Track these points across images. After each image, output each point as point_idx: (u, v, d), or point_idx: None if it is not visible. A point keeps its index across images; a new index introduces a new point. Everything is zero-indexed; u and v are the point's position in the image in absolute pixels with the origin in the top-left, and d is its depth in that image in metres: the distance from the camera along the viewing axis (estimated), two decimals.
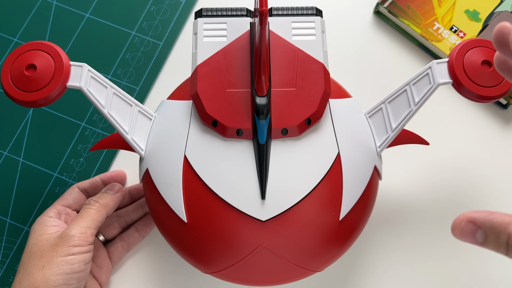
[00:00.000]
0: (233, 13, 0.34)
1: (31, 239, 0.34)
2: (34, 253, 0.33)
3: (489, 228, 0.22)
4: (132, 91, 0.45)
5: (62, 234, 0.33)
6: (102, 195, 0.36)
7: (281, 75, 0.32)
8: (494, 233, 0.21)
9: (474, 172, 0.42)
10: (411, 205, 0.41)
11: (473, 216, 0.22)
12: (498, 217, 0.22)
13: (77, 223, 0.33)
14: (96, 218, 0.34)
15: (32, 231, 0.35)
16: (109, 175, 0.40)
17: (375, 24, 0.46)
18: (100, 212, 0.34)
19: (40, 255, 0.32)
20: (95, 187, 0.39)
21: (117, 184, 0.37)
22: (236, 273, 0.31)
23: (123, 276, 0.39)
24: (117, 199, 0.36)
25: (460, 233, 0.23)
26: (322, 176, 0.31)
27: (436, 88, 0.31)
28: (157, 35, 0.46)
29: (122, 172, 0.41)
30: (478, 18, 0.44)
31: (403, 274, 0.39)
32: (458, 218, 0.23)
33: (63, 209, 0.37)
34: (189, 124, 0.33)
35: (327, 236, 0.31)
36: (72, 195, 0.38)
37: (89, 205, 0.35)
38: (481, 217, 0.22)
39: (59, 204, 0.37)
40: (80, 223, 0.33)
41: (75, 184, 0.39)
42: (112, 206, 0.36)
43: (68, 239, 0.32)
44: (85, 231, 0.33)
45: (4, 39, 0.46)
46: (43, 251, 0.32)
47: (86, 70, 0.32)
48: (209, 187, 0.31)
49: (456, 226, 0.23)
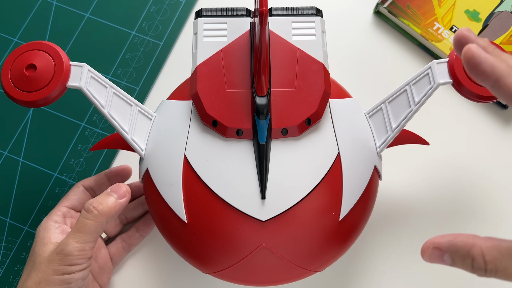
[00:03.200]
0: (233, 13, 0.34)
1: (36, 246, 0.32)
2: (36, 264, 0.31)
3: (453, 252, 0.23)
4: (132, 91, 0.45)
5: (58, 249, 0.31)
6: (104, 199, 0.32)
7: (281, 75, 0.32)
8: (459, 256, 0.23)
9: (474, 172, 0.42)
10: (411, 205, 0.41)
11: (438, 242, 0.24)
12: (460, 241, 0.23)
13: (75, 237, 0.30)
14: (95, 230, 0.31)
15: (37, 238, 0.33)
16: (114, 170, 0.38)
17: (375, 24, 0.46)
18: (99, 223, 0.31)
19: (38, 268, 0.31)
20: (100, 184, 0.38)
21: (123, 186, 0.33)
22: (236, 273, 0.31)
23: (123, 276, 0.39)
24: (121, 206, 0.32)
25: (429, 258, 0.24)
26: (322, 176, 0.31)
27: (436, 88, 0.31)
28: (157, 35, 0.46)
29: (128, 167, 0.39)
30: (478, 18, 0.44)
31: (403, 274, 0.39)
32: (425, 244, 0.25)
33: (68, 211, 0.36)
34: (189, 124, 0.33)
35: (327, 236, 0.31)
36: (77, 195, 0.36)
37: (87, 215, 0.31)
38: (445, 242, 0.23)
39: (63, 205, 0.36)
40: (78, 237, 0.30)
41: (80, 182, 0.37)
42: (114, 213, 0.32)
43: (65, 257, 0.30)
44: (84, 247, 0.30)
45: (4, 39, 0.46)
46: (41, 264, 0.31)
47: (86, 70, 0.32)
48: (209, 187, 0.31)
49: (424, 251, 0.25)
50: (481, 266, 0.22)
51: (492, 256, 0.22)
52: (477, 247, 0.22)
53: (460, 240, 0.23)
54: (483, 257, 0.22)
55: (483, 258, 0.22)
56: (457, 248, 0.23)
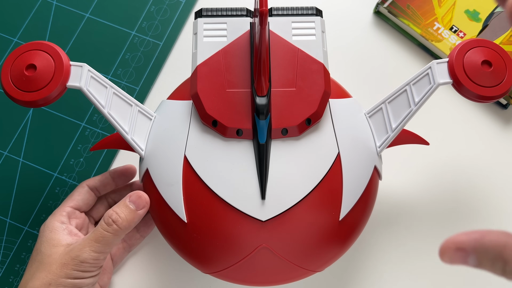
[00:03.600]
0: (233, 13, 0.34)
1: (42, 246, 0.32)
2: (44, 265, 0.31)
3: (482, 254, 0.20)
4: (132, 91, 0.45)
5: (72, 253, 0.31)
6: (123, 211, 0.31)
7: (281, 75, 0.32)
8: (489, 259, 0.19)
9: (474, 172, 0.42)
10: (411, 205, 0.41)
11: (462, 241, 0.20)
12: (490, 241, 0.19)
13: (92, 246, 0.31)
14: (112, 242, 0.31)
15: (43, 238, 0.33)
16: (119, 170, 0.38)
17: (375, 24, 0.46)
18: (118, 236, 0.31)
19: (49, 269, 0.31)
20: (105, 184, 0.37)
21: (142, 196, 0.32)
22: (236, 273, 0.31)
23: (123, 276, 0.39)
24: (140, 217, 0.32)
25: (450, 260, 0.21)
26: (322, 176, 0.31)
27: (436, 88, 0.31)
28: (157, 35, 0.46)
29: (132, 167, 0.39)
30: (478, 18, 0.44)
31: (403, 274, 0.39)
32: (446, 243, 0.21)
33: (73, 212, 0.35)
34: (189, 124, 0.33)
35: (327, 236, 0.31)
36: (82, 195, 0.36)
37: (107, 227, 0.31)
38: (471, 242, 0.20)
39: (68, 205, 0.35)
40: (95, 247, 0.31)
41: (84, 182, 0.37)
42: (133, 225, 0.32)
43: (80, 263, 0.30)
44: (99, 256, 0.31)
45: (4, 39, 0.46)
46: (52, 265, 0.31)
47: (86, 70, 0.32)
48: (209, 187, 0.31)
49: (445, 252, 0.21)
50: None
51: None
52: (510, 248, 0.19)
53: (489, 240, 0.19)
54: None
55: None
56: (486, 249, 0.19)
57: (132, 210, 0.32)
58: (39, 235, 0.34)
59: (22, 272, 0.40)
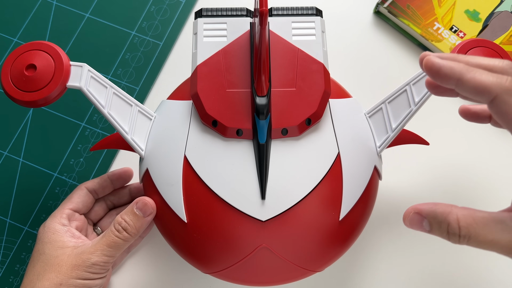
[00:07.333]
0: (233, 13, 0.34)
1: (46, 248, 0.33)
2: (52, 266, 0.32)
3: (432, 218, 0.25)
4: (132, 91, 0.45)
5: (84, 256, 0.32)
6: (132, 219, 0.32)
7: (281, 75, 0.32)
8: (437, 222, 0.25)
9: (474, 172, 0.42)
10: (411, 205, 0.41)
11: (419, 208, 0.26)
12: (440, 208, 0.25)
13: (103, 250, 0.32)
14: (122, 247, 0.33)
15: (46, 239, 0.33)
16: (117, 173, 0.39)
17: (375, 24, 0.46)
18: (128, 242, 0.33)
19: (58, 270, 0.32)
20: (104, 187, 0.38)
21: (149, 203, 0.32)
22: (236, 273, 0.31)
23: (123, 277, 0.39)
24: (148, 223, 0.33)
25: (409, 223, 0.26)
26: (322, 176, 0.31)
27: None
28: (157, 35, 0.46)
29: (130, 170, 0.39)
30: (478, 18, 0.44)
31: (403, 274, 0.39)
32: (408, 209, 0.26)
33: (72, 214, 0.36)
34: (189, 124, 0.33)
35: (327, 236, 0.31)
36: (81, 197, 0.36)
37: (118, 234, 0.32)
38: (426, 208, 0.25)
39: (68, 207, 0.35)
40: (107, 251, 0.32)
41: (83, 184, 0.37)
42: (142, 231, 0.33)
43: (91, 266, 0.31)
44: (109, 260, 0.32)
45: (4, 39, 0.46)
46: (62, 266, 0.32)
47: (86, 70, 0.32)
48: (209, 187, 0.31)
49: (406, 216, 0.26)
50: (456, 231, 0.24)
51: (466, 222, 0.24)
52: (454, 214, 0.24)
53: (439, 207, 0.25)
54: (458, 223, 0.24)
55: (458, 224, 0.24)
56: (436, 214, 0.25)
57: (140, 217, 0.32)
58: (39, 236, 0.34)
59: (22, 272, 0.40)
